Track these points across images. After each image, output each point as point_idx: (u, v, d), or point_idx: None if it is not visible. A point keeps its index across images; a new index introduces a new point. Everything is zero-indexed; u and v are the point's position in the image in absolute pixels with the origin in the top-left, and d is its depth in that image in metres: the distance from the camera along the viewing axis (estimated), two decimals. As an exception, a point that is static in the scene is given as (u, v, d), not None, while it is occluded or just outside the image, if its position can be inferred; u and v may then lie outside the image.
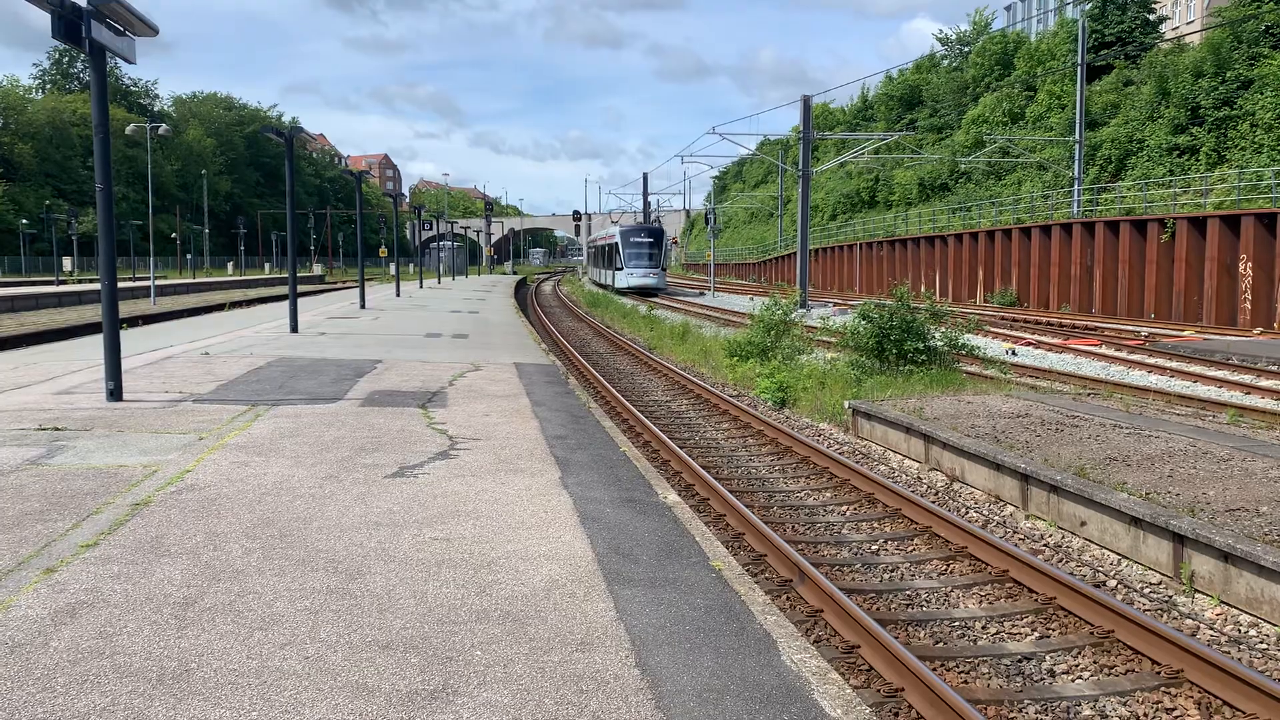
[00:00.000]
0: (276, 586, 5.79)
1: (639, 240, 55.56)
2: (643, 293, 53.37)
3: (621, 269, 54.81)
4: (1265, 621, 7.11)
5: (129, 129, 53.76)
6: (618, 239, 55.79)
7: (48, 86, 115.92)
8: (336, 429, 10.76)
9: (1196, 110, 39.56)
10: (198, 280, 76.70)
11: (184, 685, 4.48)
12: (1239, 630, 7.16)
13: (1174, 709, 6.07)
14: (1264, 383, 18.38)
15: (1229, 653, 6.80)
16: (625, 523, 7.41)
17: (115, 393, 12.34)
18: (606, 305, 44.82)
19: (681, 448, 13.10)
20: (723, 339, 23.94)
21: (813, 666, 4.97)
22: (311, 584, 5.84)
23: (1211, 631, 7.20)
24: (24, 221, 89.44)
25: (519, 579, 6.03)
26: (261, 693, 4.43)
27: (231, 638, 5.03)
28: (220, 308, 41.95)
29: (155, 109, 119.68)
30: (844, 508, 10.69)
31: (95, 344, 16.99)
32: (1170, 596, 7.86)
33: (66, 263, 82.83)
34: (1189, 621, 7.39)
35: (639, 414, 15.51)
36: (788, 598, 7.78)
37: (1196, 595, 7.73)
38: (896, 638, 6.87)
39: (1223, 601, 7.49)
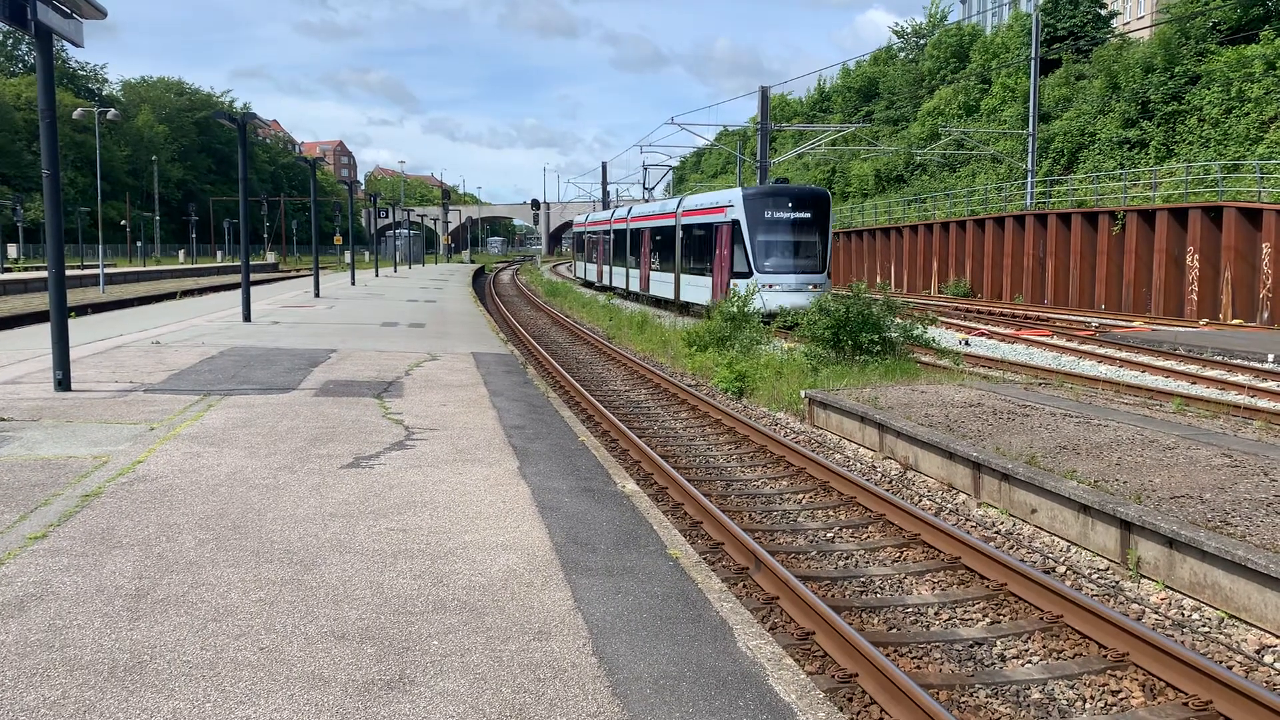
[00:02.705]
0: (230, 578, 5.74)
1: (785, 216, 26.77)
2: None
3: (749, 273, 26.35)
4: (1207, 605, 7.29)
5: (76, 113, 52.67)
6: (739, 211, 26.93)
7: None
8: (291, 419, 10.66)
9: (1146, 105, 40.24)
10: (148, 268, 75.37)
11: (136, 677, 4.44)
12: (1183, 614, 7.34)
13: (1120, 691, 6.21)
14: (1209, 373, 18.79)
15: (1173, 636, 6.96)
16: (583, 512, 7.43)
17: (63, 382, 12.11)
18: (565, 295, 44.72)
19: (640, 437, 13.13)
20: (681, 329, 24.01)
21: (768, 653, 5.02)
22: (266, 575, 5.80)
23: (1156, 616, 7.37)
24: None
25: (476, 569, 6.03)
26: (216, 684, 4.40)
27: (185, 629, 4.98)
28: (171, 296, 41.28)
29: (104, 93, 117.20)
30: (800, 496, 10.79)
31: (42, 333, 16.67)
32: (1117, 582, 8.03)
33: (11, 250, 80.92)
34: (1135, 606, 7.56)
35: (598, 403, 15.52)
36: (744, 585, 7.85)
37: (1143, 580, 7.90)
38: (851, 624, 6.96)
39: (1168, 586, 7.67)
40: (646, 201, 47.82)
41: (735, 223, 27.16)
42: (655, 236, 36.18)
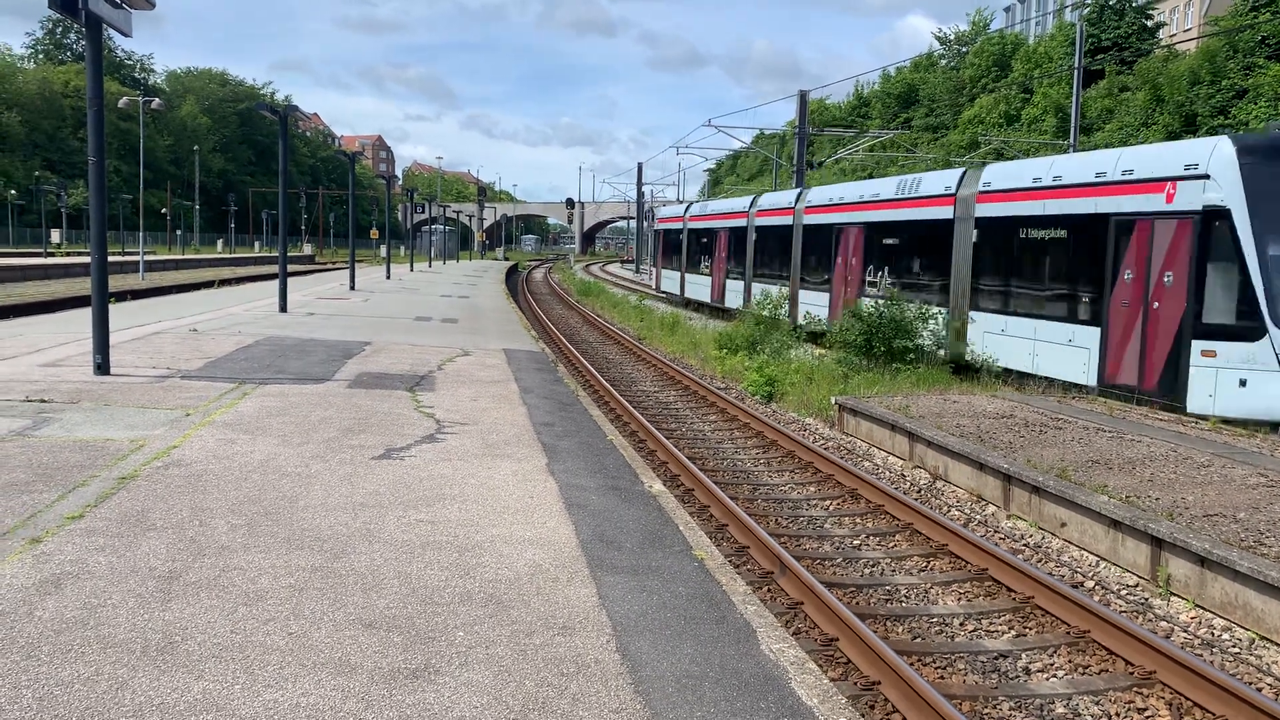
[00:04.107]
0: (261, 563, 5.82)
1: None
2: None
3: (1257, 328, 12.18)
4: (1238, 625, 7.20)
5: (122, 102, 53.38)
6: (1230, 187, 12.45)
7: (40, 56, 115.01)
8: (324, 409, 10.77)
9: (1192, 118, 39.74)
10: (187, 257, 76.44)
11: (168, 657, 4.51)
12: (1212, 634, 7.25)
13: (1146, 709, 6.15)
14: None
15: (1201, 655, 6.89)
16: (610, 510, 7.46)
17: (103, 366, 12.31)
18: (598, 294, 44.81)
19: (668, 438, 13.15)
20: (712, 331, 24.00)
21: (791, 657, 5.02)
22: (296, 562, 5.87)
23: (1185, 634, 7.29)
24: (12, 192, 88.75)
25: (503, 563, 6.07)
26: (245, 666, 4.47)
27: (215, 612, 5.06)
28: (209, 285, 41.79)
29: (149, 83, 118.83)
30: (827, 502, 10.76)
31: (83, 317, 16.93)
32: (1146, 599, 7.94)
33: (55, 235, 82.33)
34: (1164, 624, 7.48)
35: (626, 403, 15.55)
36: (769, 589, 7.84)
37: (1172, 598, 7.82)
38: (875, 632, 6.93)
39: (1198, 605, 7.58)
40: (826, 184, 31.42)
41: (1211, 214, 12.97)
42: (877, 238, 21.70)
